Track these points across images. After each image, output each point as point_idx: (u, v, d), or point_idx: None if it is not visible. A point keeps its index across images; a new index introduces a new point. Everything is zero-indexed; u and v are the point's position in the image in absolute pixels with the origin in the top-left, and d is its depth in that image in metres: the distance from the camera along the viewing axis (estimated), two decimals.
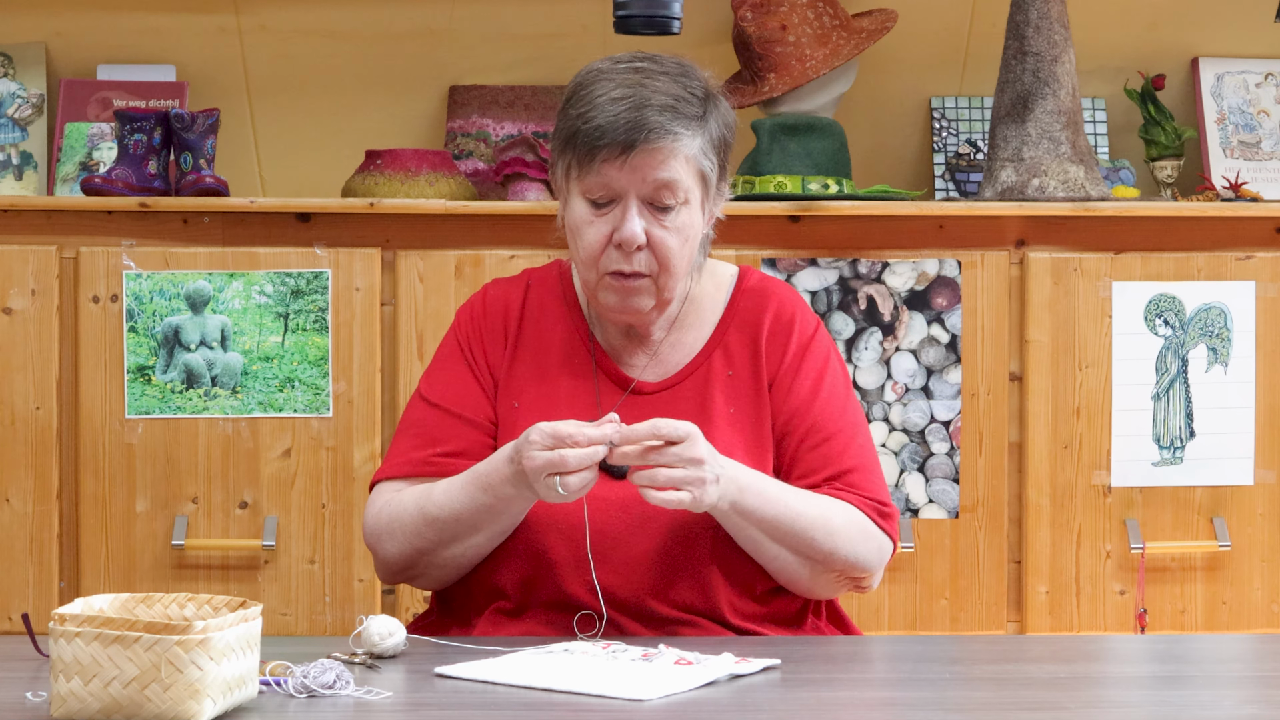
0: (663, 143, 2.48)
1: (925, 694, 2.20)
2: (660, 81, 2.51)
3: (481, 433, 2.60)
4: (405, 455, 2.61)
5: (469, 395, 2.61)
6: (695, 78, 2.55)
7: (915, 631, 3.61)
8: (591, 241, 2.52)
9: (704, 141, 2.52)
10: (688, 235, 2.53)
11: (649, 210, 2.51)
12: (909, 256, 3.61)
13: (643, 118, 2.47)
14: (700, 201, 2.55)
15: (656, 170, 2.49)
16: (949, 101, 3.97)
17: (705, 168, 2.53)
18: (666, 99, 2.49)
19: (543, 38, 3.93)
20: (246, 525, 3.55)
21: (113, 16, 3.89)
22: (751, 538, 2.49)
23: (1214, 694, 2.20)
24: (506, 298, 2.68)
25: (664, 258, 2.52)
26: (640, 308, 2.56)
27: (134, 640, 1.91)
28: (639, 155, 2.48)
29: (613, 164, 2.49)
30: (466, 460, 2.56)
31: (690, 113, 2.50)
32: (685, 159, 2.50)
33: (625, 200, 2.50)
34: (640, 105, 2.48)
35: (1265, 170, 3.94)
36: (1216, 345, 3.64)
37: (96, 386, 3.53)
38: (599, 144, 2.48)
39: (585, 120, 2.50)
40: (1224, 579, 3.65)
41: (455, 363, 2.64)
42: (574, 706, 2.06)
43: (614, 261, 2.52)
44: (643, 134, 2.47)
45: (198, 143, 3.61)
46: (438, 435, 2.60)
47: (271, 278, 3.55)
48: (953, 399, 3.61)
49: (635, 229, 2.49)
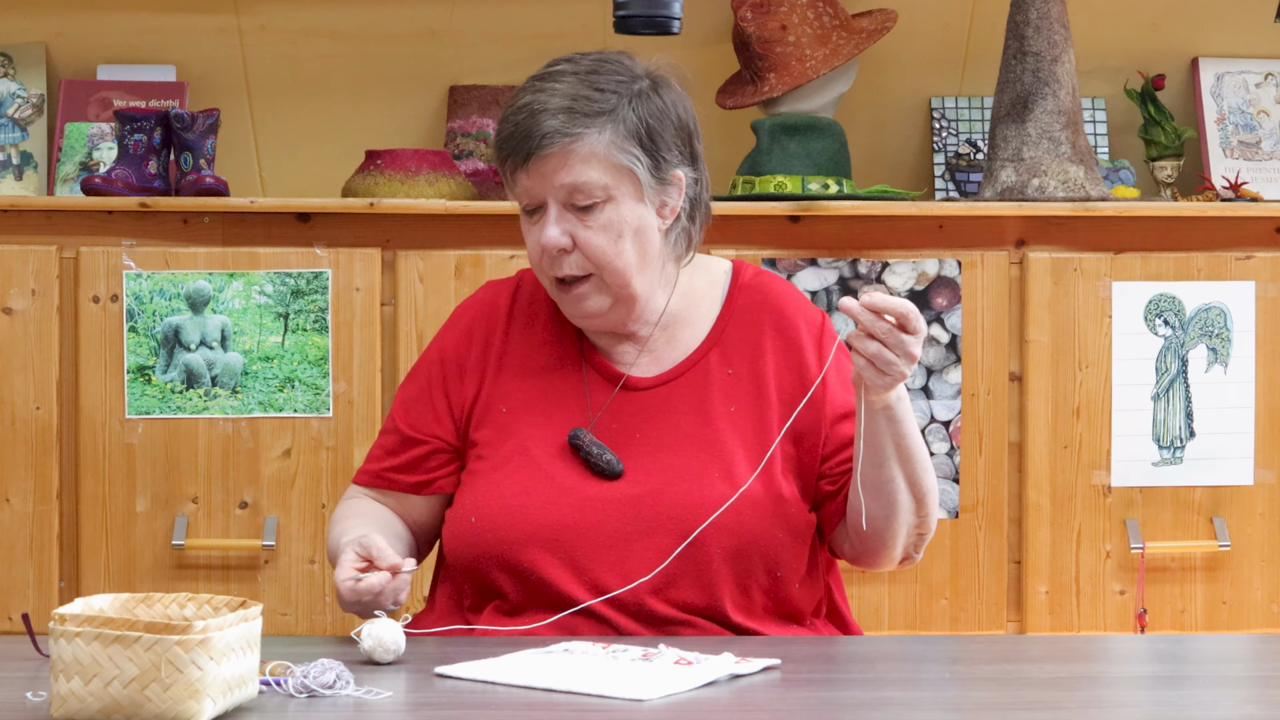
0: (555, 147, 2.50)
1: (925, 694, 2.20)
2: (563, 84, 2.53)
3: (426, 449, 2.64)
4: (366, 465, 2.71)
5: (421, 416, 2.65)
6: (618, 72, 2.55)
7: (915, 631, 3.61)
8: (531, 248, 2.57)
9: (615, 135, 2.52)
10: (620, 231, 2.53)
11: (572, 212, 2.53)
12: (909, 256, 3.61)
13: (535, 124, 2.50)
14: (633, 195, 2.54)
15: (560, 174, 2.51)
16: (949, 101, 3.97)
17: (624, 161, 2.52)
18: (562, 100, 2.51)
19: (543, 38, 3.93)
20: (246, 525, 3.56)
21: (113, 16, 3.89)
22: (883, 449, 2.48)
23: (1214, 694, 2.20)
24: (495, 300, 2.69)
25: (595, 257, 2.53)
26: (594, 310, 2.56)
27: (134, 640, 1.91)
28: (538, 162, 2.51)
29: (521, 172, 2.53)
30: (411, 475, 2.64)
31: (589, 109, 2.51)
32: (591, 157, 2.51)
33: (546, 206, 2.53)
34: (535, 112, 2.51)
35: (1265, 170, 3.94)
36: (1216, 345, 3.64)
37: (96, 386, 3.53)
38: (505, 155, 2.54)
39: (498, 134, 2.56)
40: (1224, 579, 3.65)
41: (421, 379, 2.68)
42: (574, 706, 2.06)
43: (550, 267, 2.55)
44: (535, 140, 2.50)
45: (198, 143, 3.61)
46: (393, 451, 2.67)
47: (271, 278, 3.55)
48: (953, 399, 3.61)
49: (550, 234, 2.52)
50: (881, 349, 2.36)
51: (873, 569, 2.63)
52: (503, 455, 2.57)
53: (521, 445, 2.57)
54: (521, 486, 2.53)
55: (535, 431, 2.58)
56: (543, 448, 2.56)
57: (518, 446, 2.57)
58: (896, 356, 2.36)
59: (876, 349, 2.36)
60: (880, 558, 2.59)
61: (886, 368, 2.37)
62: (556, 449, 2.56)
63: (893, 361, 2.36)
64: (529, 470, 2.55)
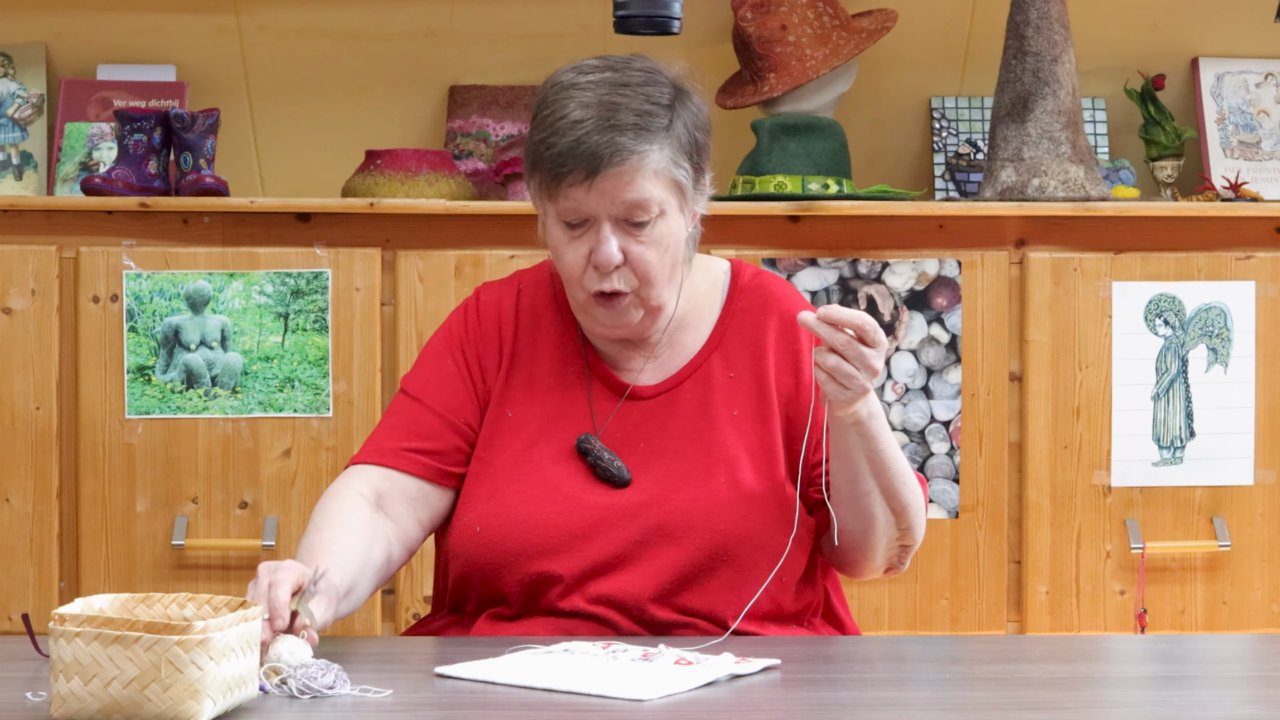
0: (628, 164, 2.43)
1: (925, 694, 2.20)
2: (622, 96, 2.46)
3: (457, 435, 2.56)
4: (377, 443, 2.57)
5: (452, 395, 2.57)
6: (661, 82, 2.50)
7: (915, 631, 3.61)
8: (571, 263, 2.49)
9: (673, 151, 2.47)
10: (667, 245, 2.49)
11: (624, 227, 2.46)
12: (909, 256, 3.61)
13: (604, 141, 2.42)
14: (678, 208, 2.50)
15: (624, 192, 2.44)
16: (949, 101, 3.97)
17: (678, 176, 2.48)
18: (630, 116, 2.44)
19: (543, 38, 3.93)
20: (246, 525, 3.56)
21: (113, 16, 3.89)
22: (856, 463, 2.45)
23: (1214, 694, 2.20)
24: (500, 303, 2.63)
25: (644, 272, 2.48)
26: (628, 323, 2.53)
27: (134, 640, 1.91)
28: (604, 179, 2.43)
29: (579, 188, 2.44)
30: (437, 461, 2.54)
31: (655, 125, 2.45)
32: (654, 174, 2.45)
33: (598, 222, 2.46)
34: (601, 127, 2.43)
35: (1265, 170, 3.94)
36: (1216, 345, 3.64)
37: (96, 386, 3.53)
38: (563, 170, 2.43)
39: (548, 146, 2.45)
40: (1224, 579, 3.65)
41: (443, 362, 2.60)
42: (574, 706, 2.06)
43: (595, 281, 2.48)
44: (605, 158, 2.42)
45: (198, 143, 3.61)
46: (413, 429, 2.56)
47: (271, 278, 3.55)
48: (953, 399, 3.61)
49: (610, 251, 2.45)
50: (840, 362, 2.33)
51: (854, 578, 2.62)
52: (506, 461, 2.55)
53: (525, 451, 2.55)
54: (526, 494, 2.51)
55: (540, 438, 2.55)
56: (547, 454, 2.54)
57: (521, 453, 2.55)
58: (856, 369, 2.33)
59: (835, 362, 2.33)
60: (860, 568, 2.58)
61: (847, 381, 2.34)
62: (561, 456, 2.54)
63: (852, 375, 2.33)
64: (533, 477, 2.53)
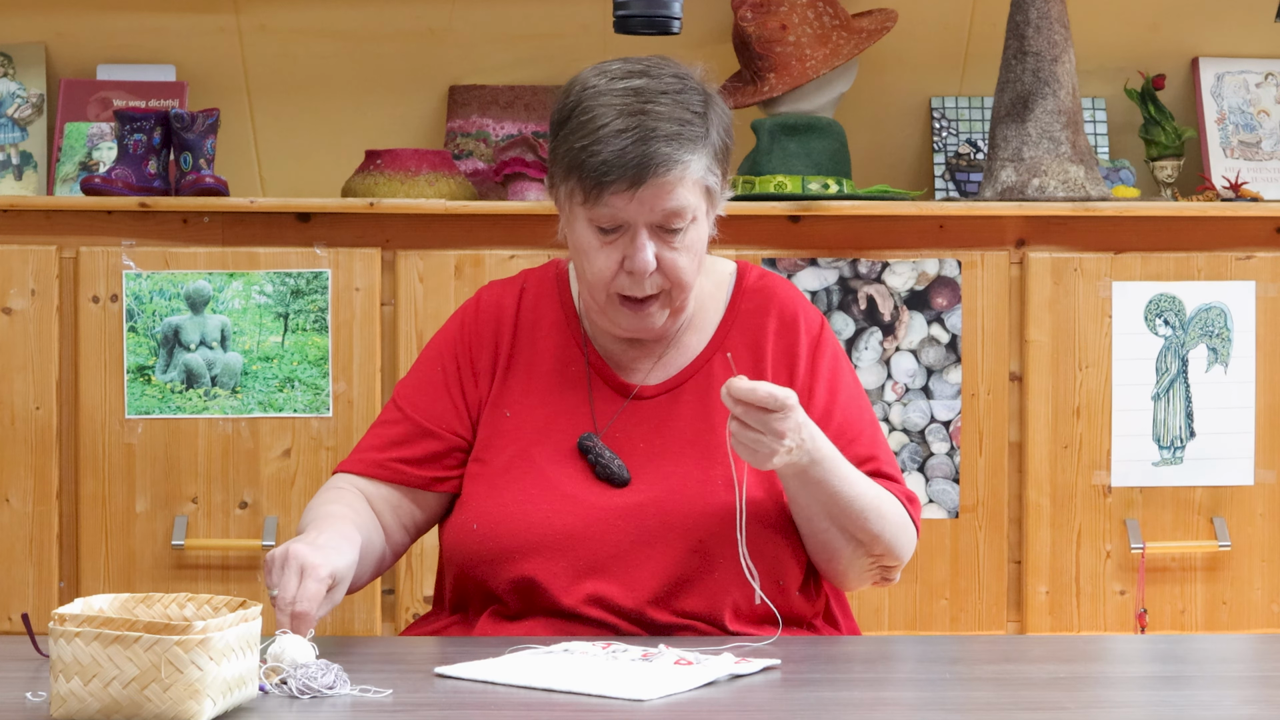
0: (671, 174, 2.45)
1: (925, 694, 2.20)
2: (663, 105, 2.46)
3: (439, 443, 2.59)
4: (365, 453, 2.62)
5: (435, 402, 2.60)
6: (694, 88, 2.51)
7: (915, 631, 3.61)
8: (602, 268, 2.49)
9: (709, 158, 2.49)
10: (697, 250, 2.51)
11: (658, 234, 2.48)
12: (909, 256, 3.61)
13: (650, 151, 2.43)
14: (706, 212, 2.52)
15: (665, 201, 2.45)
16: (949, 101, 3.97)
17: (710, 182, 2.50)
18: (671, 126, 2.45)
19: (543, 38, 3.93)
20: (246, 525, 3.55)
21: (113, 16, 3.89)
22: (805, 507, 2.47)
23: (1214, 694, 2.20)
24: (500, 303, 2.64)
25: (675, 277, 2.50)
26: (654, 325, 2.54)
27: (134, 640, 1.91)
28: (648, 189, 2.44)
29: (620, 196, 2.45)
30: (418, 468, 2.58)
31: (695, 134, 2.47)
32: (692, 182, 2.47)
33: (634, 228, 2.47)
34: (646, 138, 2.44)
35: (1265, 170, 3.94)
36: (1216, 345, 3.64)
37: (96, 386, 3.53)
38: (607, 179, 2.44)
39: (590, 154, 2.45)
40: (1224, 579, 3.65)
41: (433, 373, 2.63)
42: (574, 706, 2.06)
43: (625, 286, 2.50)
44: (651, 169, 2.43)
45: (198, 143, 3.61)
46: (395, 438, 2.60)
47: (271, 278, 3.55)
48: (953, 399, 3.61)
49: (647, 258, 2.47)
50: (740, 429, 2.35)
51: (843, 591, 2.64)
52: (505, 461, 2.55)
53: (524, 451, 2.55)
54: (525, 493, 2.52)
55: (539, 438, 2.56)
56: (546, 454, 2.55)
57: (520, 452, 2.55)
58: (761, 434, 2.35)
59: (736, 428, 2.35)
60: (841, 586, 2.60)
61: (754, 444, 2.35)
62: (560, 455, 2.55)
63: (758, 439, 2.34)
64: (532, 477, 2.53)
